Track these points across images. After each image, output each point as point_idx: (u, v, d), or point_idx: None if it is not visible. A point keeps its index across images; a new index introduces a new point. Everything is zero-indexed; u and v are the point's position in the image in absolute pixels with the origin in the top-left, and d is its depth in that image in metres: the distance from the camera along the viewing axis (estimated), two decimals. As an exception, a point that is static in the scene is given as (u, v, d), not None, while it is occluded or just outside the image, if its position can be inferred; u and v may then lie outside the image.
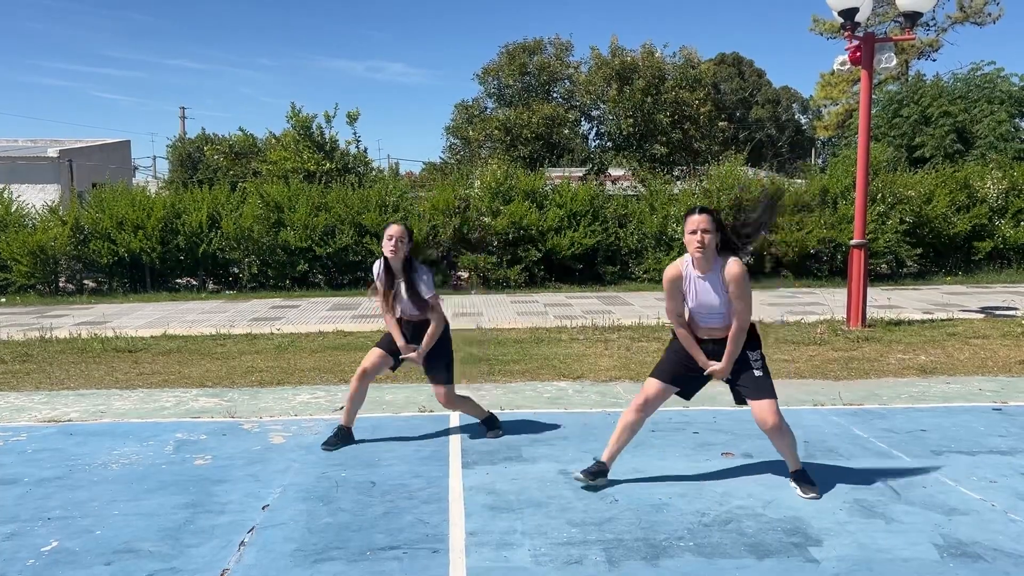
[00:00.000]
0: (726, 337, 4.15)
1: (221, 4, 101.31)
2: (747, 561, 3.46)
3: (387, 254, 4.95)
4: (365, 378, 5.12)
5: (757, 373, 4.18)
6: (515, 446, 5.11)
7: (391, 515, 4.00)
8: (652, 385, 4.32)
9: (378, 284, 5.10)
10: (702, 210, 4.06)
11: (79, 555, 3.57)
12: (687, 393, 4.43)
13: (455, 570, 3.40)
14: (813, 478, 4.26)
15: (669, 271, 4.22)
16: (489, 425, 5.37)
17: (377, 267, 5.10)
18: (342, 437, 5.15)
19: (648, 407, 4.33)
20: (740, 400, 4.34)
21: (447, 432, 5.45)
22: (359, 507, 4.11)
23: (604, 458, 4.38)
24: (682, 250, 14.58)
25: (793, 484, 4.26)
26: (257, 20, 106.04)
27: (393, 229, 4.95)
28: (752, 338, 4.23)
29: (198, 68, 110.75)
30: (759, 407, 4.15)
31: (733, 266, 4.04)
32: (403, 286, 5.00)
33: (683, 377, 4.33)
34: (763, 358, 4.26)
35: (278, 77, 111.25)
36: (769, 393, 4.17)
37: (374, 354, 5.14)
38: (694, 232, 4.01)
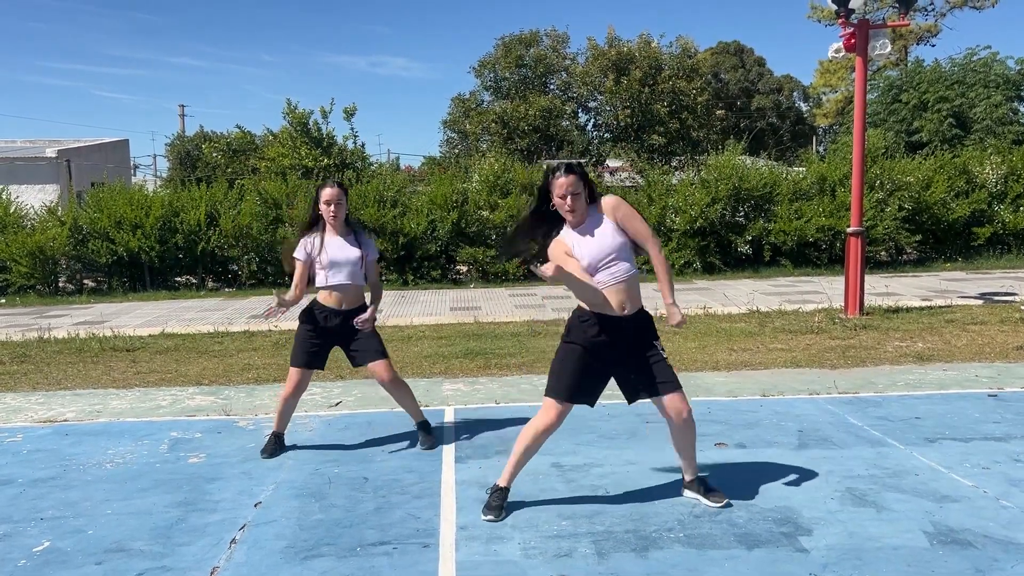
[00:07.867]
0: (635, 288, 3.85)
1: (223, 1, 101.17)
2: (737, 552, 3.46)
3: (330, 221, 4.75)
4: (294, 397, 4.89)
5: (664, 356, 3.87)
6: (509, 440, 5.09)
7: (383, 510, 4.01)
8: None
9: (306, 256, 4.77)
10: (568, 170, 3.67)
11: (70, 555, 3.59)
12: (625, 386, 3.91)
13: (444, 564, 3.41)
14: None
15: (556, 249, 3.76)
16: (424, 430, 5.10)
17: (309, 242, 4.78)
18: (278, 444, 4.98)
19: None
20: (635, 395, 3.87)
21: (441, 427, 5.46)
22: (351, 503, 4.12)
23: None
24: (680, 242, 14.60)
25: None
26: (259, 17, 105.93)
27: (331, 193, 4.73)
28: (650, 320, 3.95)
29: (200, 66, 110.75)
30: (673, 400, 3.76)
31: (608, 199, 3.77)
32: (346, 250, 4.77)
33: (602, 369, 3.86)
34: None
35: (280, 73, 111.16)
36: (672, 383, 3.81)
37: (296, 375, 4.80)
38: (563, 197, 3.67)
